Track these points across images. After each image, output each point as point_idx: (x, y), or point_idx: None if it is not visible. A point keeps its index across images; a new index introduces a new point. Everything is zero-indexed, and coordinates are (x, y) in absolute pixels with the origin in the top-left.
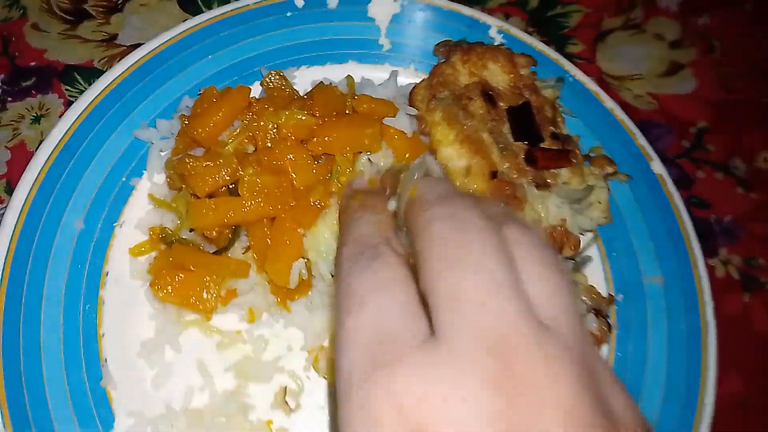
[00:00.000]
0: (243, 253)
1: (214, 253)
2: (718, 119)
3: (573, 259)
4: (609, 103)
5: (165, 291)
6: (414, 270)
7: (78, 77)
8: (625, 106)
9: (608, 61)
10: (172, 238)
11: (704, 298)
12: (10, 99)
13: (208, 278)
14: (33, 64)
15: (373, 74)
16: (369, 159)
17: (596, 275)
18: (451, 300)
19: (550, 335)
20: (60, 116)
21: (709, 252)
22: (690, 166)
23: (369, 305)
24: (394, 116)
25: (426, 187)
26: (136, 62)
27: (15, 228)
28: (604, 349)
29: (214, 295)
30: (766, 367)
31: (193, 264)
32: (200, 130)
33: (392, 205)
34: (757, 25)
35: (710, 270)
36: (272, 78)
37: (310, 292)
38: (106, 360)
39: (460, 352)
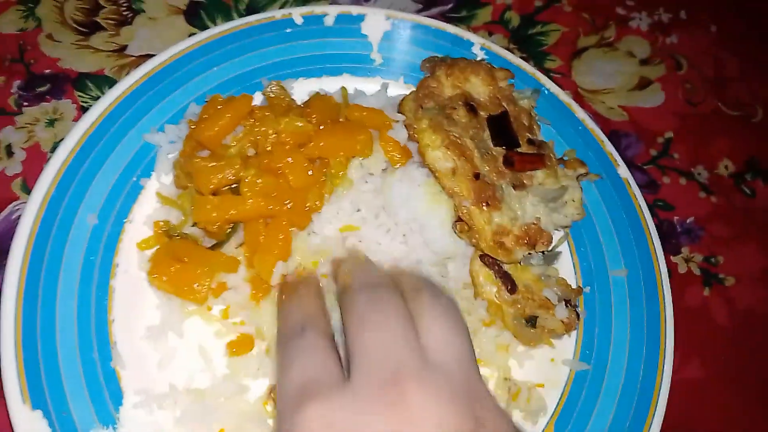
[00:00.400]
0: (236, 248)
1: (211, 246)
2: (683, 130)
3: (544, 254)
4: (580, 113)
5: (161, 279)
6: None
7: (90, 84)
8: (598, 118)
9: (583, 75)
10: (173, 232)
11: (663, 287)
12: (25, 104)
13: (200, 270)
14: (47, 71)
15: (365, 86)
16: (361, 163)
17: (566, 269)
18: (362, 351)
19: (435, 371)
20: (73, 120)
21: (672, 250)
22: (657, 173)
23: (295, 364)
24: (385, 124)
25: (355, 274)
26: (147, 73)
27: (34, 221)
28: (573, 336)
29: (206, 286)
30: (723, 355)
31: (187, 256)
32: (206, 134)
33: (333, 287)
34: (720, 45)
35: (673, 266)
36: (272, 88)
37: None
38: (115, 343)
39: (365, 385)
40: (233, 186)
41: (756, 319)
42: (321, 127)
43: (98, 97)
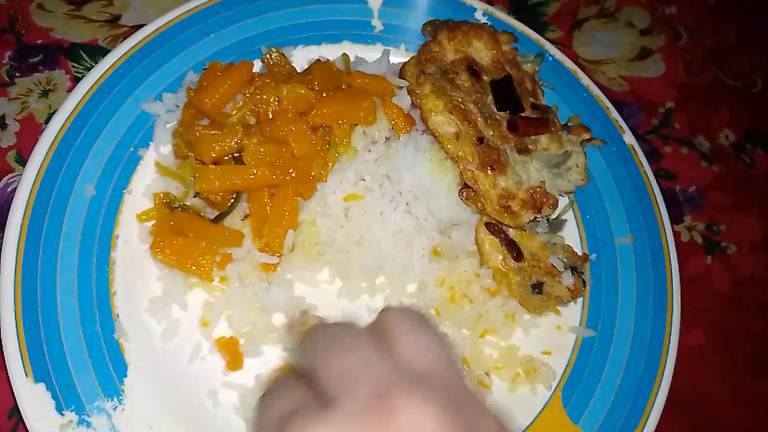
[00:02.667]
0: (242, 220)
1: (215, 217)
2: (684, 100)
3: (549, 222)
4: (585, 80)
5: (164, 254)
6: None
7: (83, 55)
8: (599, 87)
9: (584, 46)
10: (174, 204)
11: (669, 252)
12: (18, 74)
13: (204, 244)
14: (39, 41)
15: (366, 53)
16: (364, 131)
17: (572, 236)
18: (337, 381)
19: (419, 380)
20: (67, 91)
21: (675, 219)
22: (658, 142)
23: (276, 402)
24: (388, 91)
25: (312, 330)
26: (142, 40)
27: (30, 193)
28: (579, 303)
29: (210, 260)
30: (725, 322)
31: (191, 230)
32: (206, 101)
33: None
34: (719, 15)
35: (676, 235)
36: (272, 55)
37: None
38: (118, 315)
39: (349, 407)
40: (235, 155)
41: (756, 286)
42: (323, 95)
43: (92, 68)
